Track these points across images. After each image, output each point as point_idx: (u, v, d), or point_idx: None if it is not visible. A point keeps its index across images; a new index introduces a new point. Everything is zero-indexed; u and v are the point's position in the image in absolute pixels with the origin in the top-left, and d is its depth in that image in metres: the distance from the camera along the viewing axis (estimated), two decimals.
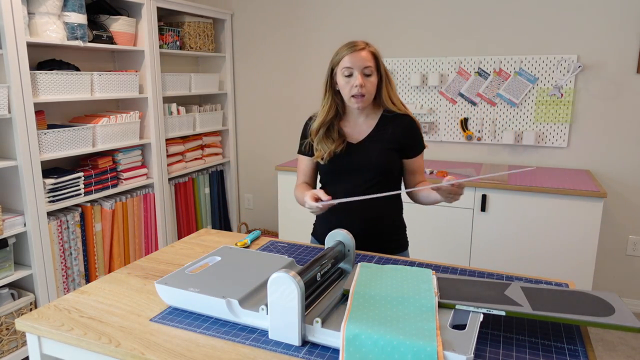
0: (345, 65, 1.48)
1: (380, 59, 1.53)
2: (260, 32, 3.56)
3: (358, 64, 1.47)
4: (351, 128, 1.60)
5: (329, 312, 1.05)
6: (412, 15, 3.08)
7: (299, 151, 1.69)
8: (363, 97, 1.50)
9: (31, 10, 2.22)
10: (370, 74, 1.49)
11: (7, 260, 2.19)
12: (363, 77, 1.48)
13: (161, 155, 3.01)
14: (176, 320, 1.10)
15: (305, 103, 3.51)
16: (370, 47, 1.52)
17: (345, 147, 1.56)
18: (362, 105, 1.52)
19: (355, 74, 1.48)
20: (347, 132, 1.60)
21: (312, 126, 1.61)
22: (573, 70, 2.76)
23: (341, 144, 1.56)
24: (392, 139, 1.55)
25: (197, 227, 3.47)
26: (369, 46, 1.52)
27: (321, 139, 1.57)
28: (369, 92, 1.51)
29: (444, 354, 0.86)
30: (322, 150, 1.56)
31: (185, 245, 1.61)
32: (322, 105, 1.62)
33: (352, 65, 1.48)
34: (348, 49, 1.49)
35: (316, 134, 1.59)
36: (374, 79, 1.51)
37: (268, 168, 3.75)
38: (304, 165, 1.67)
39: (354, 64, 1.47)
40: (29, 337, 1.13)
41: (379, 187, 1.54)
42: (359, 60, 1.47)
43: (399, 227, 1.67)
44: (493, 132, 3.00)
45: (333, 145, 1.55)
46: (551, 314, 0.97)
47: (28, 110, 2.18)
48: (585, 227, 2.37)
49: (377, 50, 1.54)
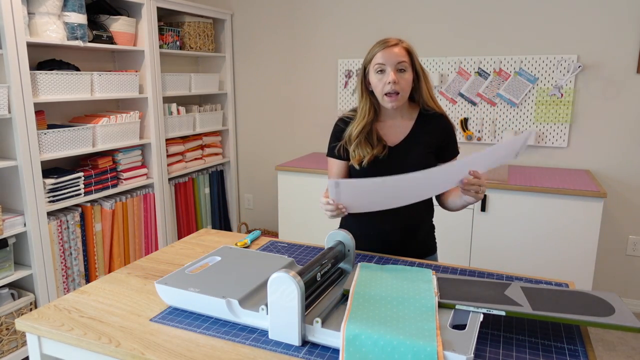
0: (377, 61, 1.42)
1: (415, 55, 1.46)
2: (260, 32, 3.56)
3: (391, 60, 1.40)
4: (387, 129, 1.52)
5: (329, 312, 1.05)
6: (412, 15, 3.08)
7: (330, 154, 1.58)
8: (397, 95, 1.42)
9: (31, 10, 2.22)
10: (404, 69, 1.41)
11: (7, 260, 2.19)
12: (396, 73, 1.40)
13: (161, 155, 3.01)
14: (176, 320, 1.10)
15: (305, 103, 3.51)
16: (403, 42, 1.45)
17: (387, 152, 1.48)
18: (397, 104, 1.44)
19: (387, 70, 1.40)
20: (384, 134, 1.52)
21: (351, 131, 1.50)
22: (573, 70, 2.76)
23: (382, 149, 1.48)
24: (430, 141, 1.50)
25: (197, 227, 3.47)
26: (402, 42, 1.45)
27: (360, 144, 1.48)
28: (403, 90, 1.43)
29: (444, 354, 0.86)
30: (362, 155, 1.48)
31: (185, 245, 1.61)
32: (360, 107, 1.51)
33: (385, 61, 1.40)
34: (380, 46, 1.43)
35: (356, 139, 1.49)
36: (408, 75, 1.43)
37: (268, 168, 3.76)
38: (336, 169, 1.57)
39: (386, 60, 1.40)
40: (29, 337, 1.13)
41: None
42: (392, 56, 1.40)
43: (431, 230, 1.64)
44: (493, 132, 3.00)
45: (374, 150, 1.47)
46: (551, 314, 0.97)
47: (28, 110, 2.18)
48: (585, 227, 2.37)
49: (411, 46, 1.46)
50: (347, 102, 3.34)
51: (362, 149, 1.48)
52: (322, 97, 3.44)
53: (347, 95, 3.34)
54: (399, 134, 1.51)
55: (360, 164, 1.48)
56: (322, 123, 3.47)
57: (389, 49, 1.41)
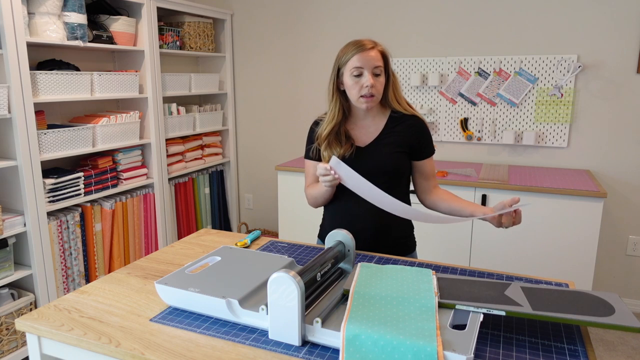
0: (354, 65, 1.43)
1: (389, 59, 1.49)
2: (260, 32, 3.56)
3: (368, 64, 1.43)
4: (358, 130, 1.55)
5: (329, 312, 1.05)
6: (412, 15, 3.08)
7: (306, 156, 1.63)
8: (372, 97, 1.45)
9: (31, 10, 2.22)
10: (380, 73, 1.45)
11: (7, 260, 2.19)
12: (373, 77, 1.43)
13: (161, 155, 3.01)
14: (176, 320, 1.10)
15: (306, 103, 3.51)
16: (378, 46, 1.47)
17: (354, 151, 1.51)
18: (371, 105, 1.47)
19: (365, 74, 1.43)
20: (354, 135, 1.54)
21: (321, 131, 1.54)
22: (573, 70, 2.76)
23: (350, 147, 1.51)
24: (401, 141, 1.51)
25: (197, 227, 3.47)
26: (377, 45, 1.47)
27: (329, 144, 1.51)
28: (379, 92, 1.46)
29: (444, 354, 0.86)
30: (330, 155, 1.51)
31: (185, 245, 1.61)
32: (330, 108, 1.54)
33: (362, 65, 1.42)
34: (357, 49, 1.43)
35: (325, 139, 1.52)
36: (382, 79, 1.47)
37: (268, 168, 3.76)
38: (312, 169, 1.61)
39: (364, 64, 1.42)
40: (29, 337, 1.13)
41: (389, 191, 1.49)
42: (369, 60, 1.43)
43: (408, 229, 1.64)
44: (493, 132, 3.00)
45: (341, 149, 1.50)
46: (551, 314, 0.97)
47: (28, 110, 2.18)
48: (585, 227, 2.37)
49: (385, 50, 1.49)
50: None
51: (331, 149, 1.51)
52: (322, 97, 3.43)
53: None
54: (369, 134, 1.54)
55: None
56: None
57: (366, 53, 1.43)
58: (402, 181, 1.56)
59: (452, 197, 1.54)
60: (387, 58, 1.48)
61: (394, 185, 1.52)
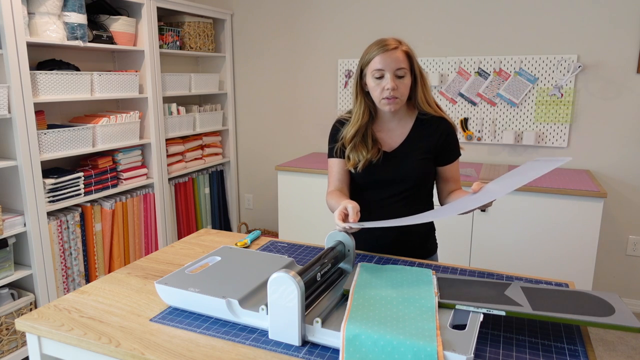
0: (375, 66, 1.37)
1: (414, 59, 1.41)
2: (260, 32, 3.56)
3: (390, 65, 1.36)
4: (385, 133, 1.49)
5: (329, 312, 1.05)
6: (412, 15, 3.08)
7: (330, 155, 1.55)
8: (395, 100, 1.39)
9: (31, 10, 2.22)
10: (404, 75, 1.38)
11: (7, 260, 2.19)
12: (395, 78, 1.37)
13: (161, 155, 3.01)
14: (176, 320, 1.10)
15: (305, 103, 3.51)
16: (403, 45, 1.39)
17: (381, 157, 1.46)
18: (394, 107, 1.40)
19: (387, 76, 1.36)
20: (380, 138, 1.49)
21: (345, 133, 1.48)
22: (573, 70, 2.76)
23: (377, 153, 1.45)
24: (428, 146, 1.46)
25: (197, 227, 3.47)
26: (401, 45, 1.39)
27: (355, 147, 1.46)
28: (402, 95, 1.39)
29: (444, 354, 0.86)
30: (357, 159, 1.46)
31: (185, 245, 1.61)
32: (355, 110, 1.47)
33: (384, 67, 1.36)
34: (379, 49, 1.37)
35: (350, 142, 1.46)
36: (407, 80, 1.39)
37: (268, 168, 3.76)
38: (336, 169, 1.53)
39: (385, 65, 1.36)
40: (29, 337, 1.13)
41: (413, 197, 1.48)
42: (391, 62, 1.36)
43: (430, 231, 1.60)
44: (493, 132, 3.00)
45: (368, 154, 1.44)
46: (551, 314, 0.97)
47: (28, 110, 2.18)
48: (585, 227, 2.37)
49: (410, 49, 1.41)
50: (347, 102, 3.34)
51: (357, 152, 1.46)
52: (322, 97, 3.44)
53: (347, 95, 3.34)
54: (396, 138, 1.49)
55: (355, 168, 1.47)
56: (322, 123, 3.47)
57: (389, 54, 1.36)
58: (427, 186, 1.52)
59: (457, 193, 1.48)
60: (412, 58, 1.41)
61: (418, 191, 1.49)
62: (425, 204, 1.54)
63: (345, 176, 1.53)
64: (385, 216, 1.48)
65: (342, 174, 1.53)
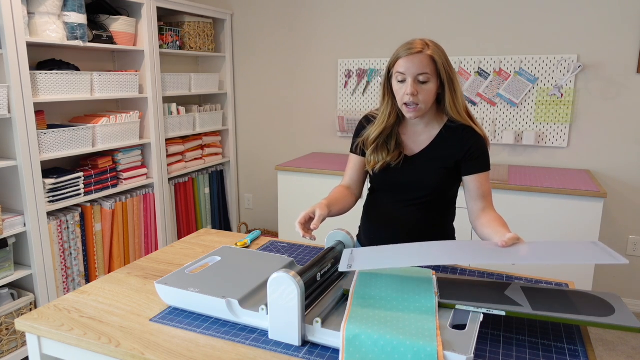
0: (398, 69, 1.32)
1: (442, 63, 1.32)
2: (260, 32, 3.56)
3: (411, 70, 1.30)
4: (409, 137, 1.44)
5: (329, 312, 1.05)
6: (412, 15, 3.08)
7: (351, 149, 1.53)
8: (416, 107, 1.32)
9: (31, 10, 2.22)
10: (427, 80, 1.31)
11: (7, 260, 2.19)
12: (417, 84, 1.31)
13: (161, 155, 3.01)
14: (176, 320, 1.10)
15: (305, 103, 3.51)
16: (428, 49, 1.32)
17: (402, 161, 1.42)
18: (415, 115, 1.34)
19: (408, 81, 1.31)
20: (404, 141, 1.44)
21: (369, 133, 1.44)
22: (573, 70, 2.76)
23: (397, 156, 1.41)
24: (450, 156, 1.40)
25: (197, 227, 3.47)
26: (427, 48, 1.32)
27: (377, 149, 1.42)
28: (424, 102, 1.33)
29: (444, 354, 0.86)
30: (376, 160, 1.43)
31: (185, 245, 1.61)
32: (382, 110, 1.43)
33: (405, 71, 1.30)
34: (404, 51, 1.31)
35: (373, 143, 1.42)
36: (431, 86, 1.32)
37: (268, 168, 3.76)
38: (352, 164, 1.52)
39: (407, 70, 1.30)
40: (28, 337, 1.13)
41: (428, 205, 1.44)
42: (413, 66, 1.30)
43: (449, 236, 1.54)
44: (493, 132, 3.00)
45: (388, 156, 1.41)
46: (551, 314, 0.97)
47: (28, 110, 2.18)
48: (585, 227, 2.37)
49: (437, 53, 1.32)
50: (347, 102, 3.34)
51: (378, 154, 1.42)
52: (322, 97, 3.44)
53: (347, 95, 3.34)
54: (419, 143, 1.43)
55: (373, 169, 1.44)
56: (322, 123, 3.47)
57: (411, 58, 1.30)
58: (445, 197, 1.47)
59: (489, 221, 1.33)
60: (438, 62, 1.32)
61: (434, 200, 1.44)
62: (441, 215, 1.49)
63: (358, 175, 1.52)
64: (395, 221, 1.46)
65: (355, 172, 1.52)
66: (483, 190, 1.40)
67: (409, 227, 1.46)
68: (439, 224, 1.50)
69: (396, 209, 1.47)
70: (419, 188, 1.42)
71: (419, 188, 1.42)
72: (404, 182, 1.43)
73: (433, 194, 1.43)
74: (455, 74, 1.36)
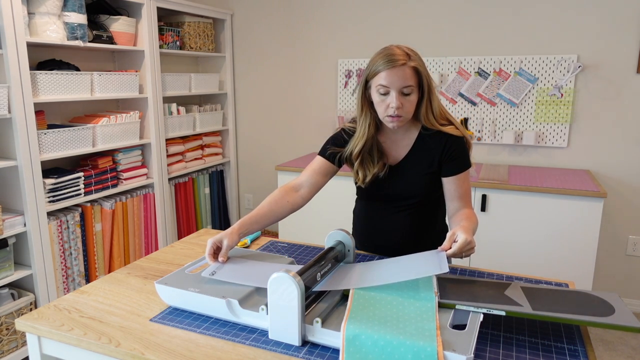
0: (381, 82, 1.28)
1: (424, 74, 1.30)
2: (260, 32, 3.56)
3: (396, 84, 1.26)
4: (390, 144, 1.45)
5: (329, 312, 1.05)
6: (412, 15, 3.08)
7: (320, 153, 1.48)
8: (400, 118, 1.31)
9: (31, 10, 2.22)
10: (410, 93, 1.29)
11: (7, 260, 2.19)
12: (401, 96, 1.28)
13: (161, 155, 3.01)
14: (176, 320, 1.10)
15: (305, 103, 3.51)
16: (412, 60, 1.28)
17: (387, 171, 1.42)
18: (398, 125, 1.33)
19: (392, 94, 1.28)
20: (386, 149, 1.44)
21: (352, 148, 1.41)
22: (573, 70, 2.76)
23: (382, 167, 1.41)
24: (431, 160, 1.41)
25: (197, 227, 3.47)
26: (410, 60, 1.28)
27: (363, 162, 1.41)
28: (407, 112, 1.32)
29: (444, 354, 0.86)
30: (364, 174, 1.42)
31: (185, 245, 1.61)
32: (360, 122, 1.39)
33: (389, 85, 1.27)
34: (385, 63, 1.26)
35: (358, 157, 1.41)
36: (413, 97, 1.31)
37: (268, 168, 3.76)
38: (317, 166, 1.47)
39: (391, 83, 1.27)
40: (29, 337, 1.13)
41: (419, 210, 1.46)
42: (398, 79, 1.26)
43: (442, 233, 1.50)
44: (493, 132, 3.00)
45: (375, 168, 1.41)
46: (551, 314, 0.97)
47: (28, 110, 2.18)
48: (585, 227, 2.37)
49: (419, 64, 1.29)
50: (347, 102, 3.34)
51: (365, 168, 1.42)
52: (322, 97, 3.44)
53: (347, 95, 3.34)
54: (400, 149, 1.44)
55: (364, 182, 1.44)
56: (322, 123, 3.47)
57: (395, 71, 1.26)
58: (430, 201, 1.48)
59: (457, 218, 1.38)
60: (421, 73, 1.30)
61: (421, 206, 1.46)
62: (431, 218, 1.51)
63: (318, 178, 1.46)
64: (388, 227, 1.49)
65: (317, 174, 1.46)
66: (460, 191, 1.41)
67: (403, 232, 1.49)
68: (432, 222, 1.53)
69: (388, 215, 1.49)
70: (408, 196, 1.45)
71: (409, 196, 1.45)
72: (393, 192, 1.45)
73: (423, 198, 1.46)
74: (432, 81, 1.36)
